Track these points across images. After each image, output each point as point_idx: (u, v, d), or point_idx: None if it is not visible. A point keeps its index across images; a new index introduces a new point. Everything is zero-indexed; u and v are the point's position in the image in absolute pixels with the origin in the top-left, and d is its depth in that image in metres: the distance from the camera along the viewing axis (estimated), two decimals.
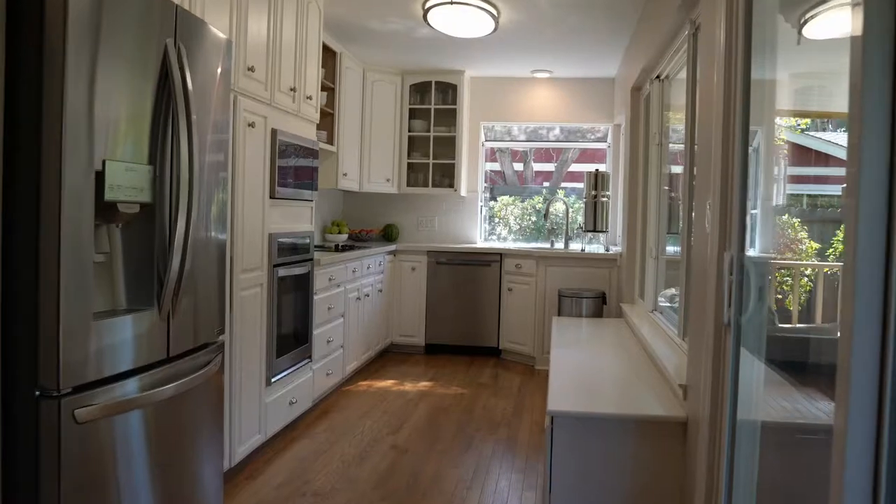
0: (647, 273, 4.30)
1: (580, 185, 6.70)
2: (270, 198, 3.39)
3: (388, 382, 4.90)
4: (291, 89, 3.56)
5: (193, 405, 2.35)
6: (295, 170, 3.67)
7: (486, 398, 4.58)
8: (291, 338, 3.70)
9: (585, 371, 3.13)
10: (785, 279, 2.61)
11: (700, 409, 2.17)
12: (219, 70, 2.39)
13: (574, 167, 7.21)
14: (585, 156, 7.05)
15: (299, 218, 3.79)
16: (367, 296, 5.11)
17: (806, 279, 4.11)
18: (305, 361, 3.91)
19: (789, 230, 2.45)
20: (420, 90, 6.24)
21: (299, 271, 3.75)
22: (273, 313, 3.43)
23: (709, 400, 2.10)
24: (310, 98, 3.82)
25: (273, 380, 3.47)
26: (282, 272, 3.52)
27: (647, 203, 4.38)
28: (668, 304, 4.20)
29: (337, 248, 4.88)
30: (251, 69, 3.06)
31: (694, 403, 2.33)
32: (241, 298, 3.07)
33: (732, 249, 2.02)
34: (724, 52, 2.07)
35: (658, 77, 4.16)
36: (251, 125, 3.08)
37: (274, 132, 3.37)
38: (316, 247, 5.04)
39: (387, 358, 5.73)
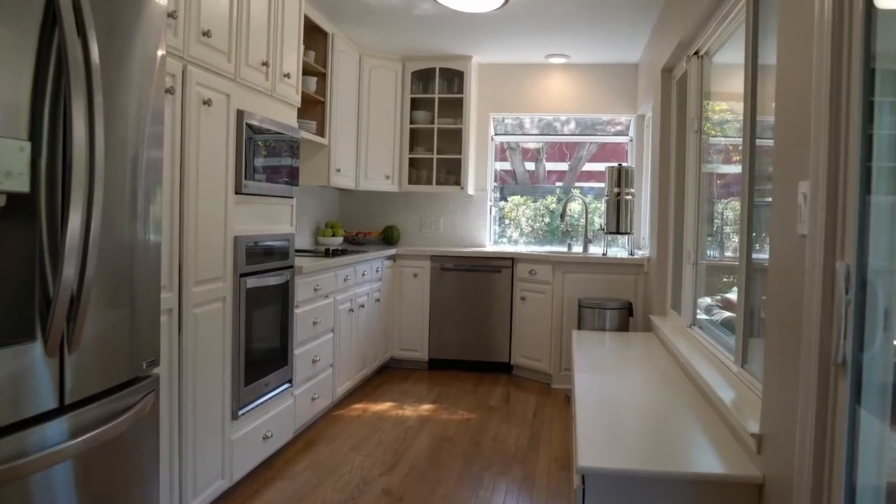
0: (685, 281, 3.70)
1: (596, 185, 6.10)
2: (236, 193, 2.82)
3: (386, 405, 4.32)
4: (263, 64, 2.99)
5: (112, 462, 1.78)
6: (269, 160, 3.10)
7: (497, 425, 3.98)
8: (266, 360, 3.12)
9: (619, 407, 2.53)
10: None
11: (794, 470, 1.57)
12: (153, 32, 1.82)
13: (589, 166, 6.60)
14: (602, 153, 6.44)
15: (275, 218, 3.21)
16: (362, 307, 4.52)
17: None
18: (285, 386, 3.33)
19: None
20: (423, 78, 5.66)
21: (275, 281, 3.18)
22: (240, 332, 2.86)
23: (810, 460, 1.50)
24: (288, 76, 3.24)
25: (241, 412, 2.89)
26: (251, 282, 2.94)
27: (684, 200, 3.77)
28: (706, 317, 3.60)
29: (328, 253, 4.31)
30: (206, 34, 2.49)
31: (777, 460, 1.73)
32: (193, 317, 2.50)
33: (848, 258, 1.42)
34: (830, 12, 1.47)
35: (696, 53, 3.56)
36: (206, 102, 2.51)
37: (240, 114, 2.80)
38: (305, 251, 4.47)
39: (386, 374, 5.15)
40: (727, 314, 3.50)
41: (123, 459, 1.84)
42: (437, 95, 5.56)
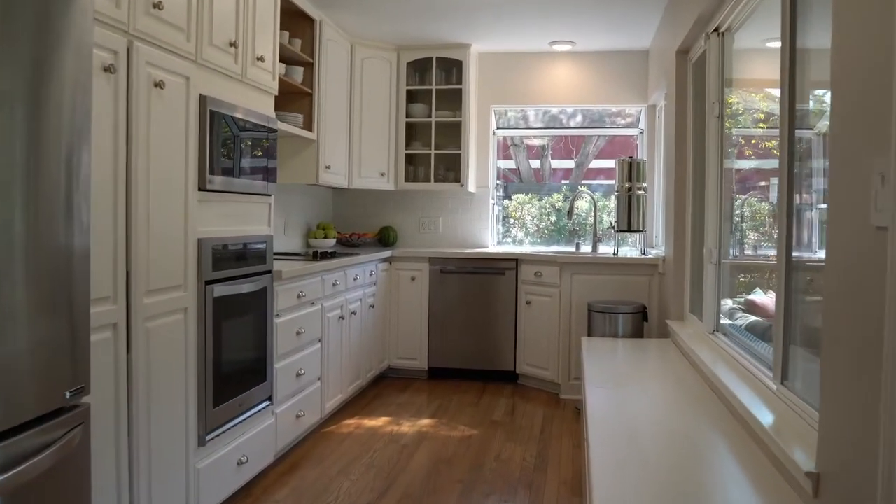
0: (706, 283, 3.35)
1: (605, 182, 5.77)
2: (200, 190, 2.49)
3: (380, 421, 3.98)
4: (231, 45, 2.66)
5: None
6: (242, 154, 2.77)
7: (501, 443, 3.64)
8: (241, 376, 2.79)
9: (637, 431, 2.19)
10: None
11: None
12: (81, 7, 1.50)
13: (597, 163, 6.27)
14: (610, 149, 6.10)
15: (249, 218, 2.89)
16: (354, 314, 4.19)
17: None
18: (263, 405, 3.00)
19: None
20: (419, 69, 5.32)
21: (250, 288, 2.85)
22: (206, 347, 2.53)
23: None
24: (261, 60, 2.91)
25: (209, 437, 2.56)
26: (220, 290, 2.61)
27: (704, 194, 3.42)
28: (729, 322, 3.26)
29: (316, 256, 3.98)
30: (157, 6, 2.16)
31: None
32: (146, 331, 2.17)
33: None
34: None
35: (717, 30, 3.22)
36: (158, 85, 2.18)
37: (203, 99, 2.47)
38: (294, 255, 4.14)
39: (383, 385, 4.82)
40: (752, 318, 3.16)
41: (50, 501, 1.53)
42: (434, 87, 5.22)
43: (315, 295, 3.56)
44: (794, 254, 2.14)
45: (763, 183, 3.35)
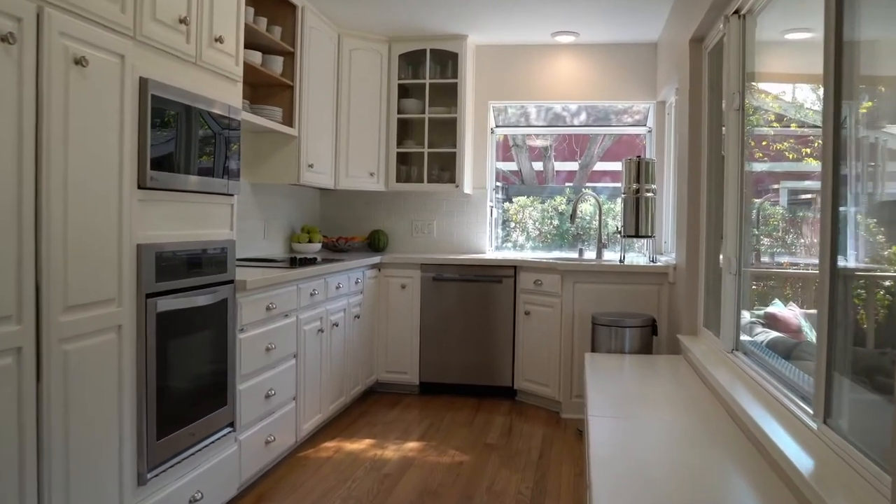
0: (725, 296, 2.99)
1: (610, 185, 5.41)
2: (140, 188, 2.15)
3: (363, 444, 3.63)
4: (181, 21, 2.31)
5: None
6: (195, 148, 2.43)
7: (495, 470, 3.28)
8: (194, 401, 2.45)
9: (650, 477, 1.83)
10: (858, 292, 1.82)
11: None
12: None
13: (602, 165, 5.92)
14: (616, 149, 5.75)
15: (206, 220, 2.54)
16: (336, 325, 3.84)
17: (883, 292, 2.86)
18: (224, 432, 2.65)
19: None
20: (412, 62, 4.98)
21: (206, 300, 2.50)
22: (147, 370, 2.18)
23: None
24: (220, 41, 2.56)
25: (152, 474, 2.21)
26: (165, 304, 2.26)
27: (724, 195, 3.06)
28: (747, 338, 2.91)
29: (293, 263, 3.63)
30: None
31: None
32: (63, 355, 1.82)
33: None
34: None
35: (737, 13, 2.87)
36: (79, 62, 1.84)
37: (143, 83, 2.13)
38: (267, 261, 3.77)
39: (371, 402, 4.46)
40: (774, 334, 2.82)
41: None
42: (427, 81, 4.87)
43: (289, 306, 3.21)
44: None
45: (775, 186, 3.03)
